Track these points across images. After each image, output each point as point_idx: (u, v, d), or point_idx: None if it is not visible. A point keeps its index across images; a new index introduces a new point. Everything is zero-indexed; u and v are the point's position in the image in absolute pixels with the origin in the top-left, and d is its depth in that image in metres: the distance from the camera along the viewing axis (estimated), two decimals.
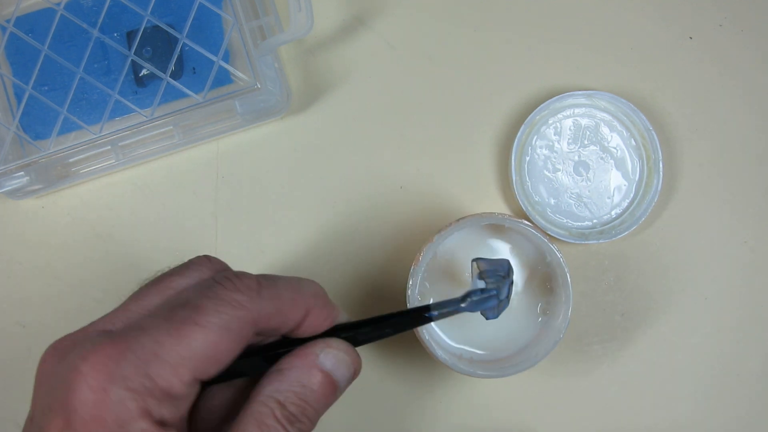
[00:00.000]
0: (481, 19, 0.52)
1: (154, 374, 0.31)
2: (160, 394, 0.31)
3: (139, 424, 0.30)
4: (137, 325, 0.32)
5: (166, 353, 0.31)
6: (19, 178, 0.47)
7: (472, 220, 0.44)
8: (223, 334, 0.32)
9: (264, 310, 0.33)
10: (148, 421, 0.31)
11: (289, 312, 0.34)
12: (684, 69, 0.51)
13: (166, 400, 0.31)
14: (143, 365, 0.31)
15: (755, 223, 0.51)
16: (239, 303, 0.33)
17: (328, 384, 0.34)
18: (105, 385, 0.30)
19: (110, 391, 0.30)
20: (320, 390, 0.34)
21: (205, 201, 0.51)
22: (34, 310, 0.50)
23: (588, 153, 0.50)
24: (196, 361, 0.31)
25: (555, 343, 0.44)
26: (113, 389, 0.30)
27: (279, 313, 0.34)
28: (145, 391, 0.31)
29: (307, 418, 0.33)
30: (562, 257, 0.44)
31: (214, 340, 0.32)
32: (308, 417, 0.33)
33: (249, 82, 0.47)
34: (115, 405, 0.30)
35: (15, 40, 0.48)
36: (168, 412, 0.31)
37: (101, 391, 0.30)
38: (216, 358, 0.32)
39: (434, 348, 0.43)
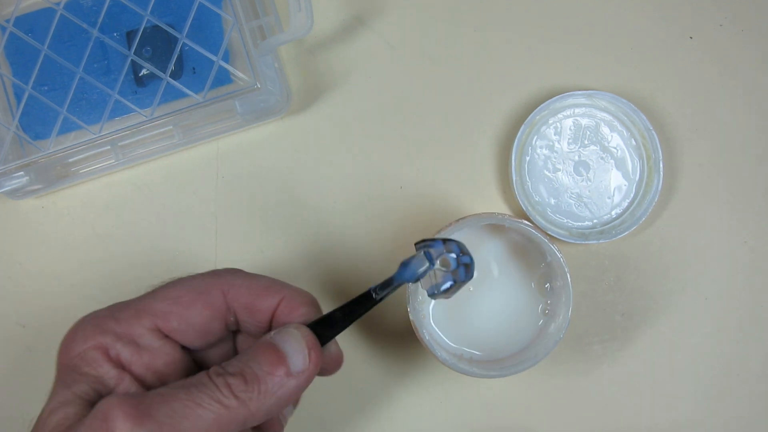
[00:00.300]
0: (481, 19, 0.52)
1: (119, 316, 0.36)
2: (121, 334, 0.36)
3: (92, 354, 0.35)
4: None
5: (136, 303, 0.37)
6: (19, 178, 0.47)
7: (472, 220, 0.44)
8: (188, 289, 0.37)
9: (235, 283, 0.37)
10: (99, 353, 0.35)
11: (262, 294, 0.37)
12: (684, 69, 0.51)
13: (126, 341, 0.35)
14: (115, 310, 0.37)
15: (755, 223, 0.51)
16: (212, 272, 0.38)
17: (273, 352, 0.34)
18: (78, 323, 0.37)
19: (78, 329, 0.36)
20: (264, 356, 0.34)
21: (205, 201, 0.51)
22: (34, 310, 0.50)
23: (588, 153, 0.50)
24: (160, 310, 0.36)
25: (555, 343, 0.44)
26: (82, 325, 0.36)
27: (250, 289, 0.37)
28: (107, 329, 0.35)
29: (243, 378, 0.33)
30: (562, 257, 0.44)
31: (177, 294, 0.36)
32: (245, 376, 0.33)
33: (249, 82, 0.47)
34: (78, 338, 0.35)
35: (15, 40, 0.48)
36: (126, 353, 0.35)
37: (74, 328, 0.36)
38: (177, 311, 0.36)
39: (434, 348, 0.43)
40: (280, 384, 0.34)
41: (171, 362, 0.36)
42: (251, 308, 0.37)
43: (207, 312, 0.37)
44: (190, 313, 0.36)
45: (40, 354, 0.50)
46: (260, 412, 0.33)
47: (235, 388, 0.33)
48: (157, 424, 0.31)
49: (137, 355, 0.35)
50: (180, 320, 0.36)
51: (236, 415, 0.32)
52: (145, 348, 0.36)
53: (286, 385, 0.34)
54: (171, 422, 0.31)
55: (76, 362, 0.35)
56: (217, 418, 0.32)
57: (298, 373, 0.34)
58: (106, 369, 0.35)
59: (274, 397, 0.34)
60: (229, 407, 0.32)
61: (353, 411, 0.50)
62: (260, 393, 0.33)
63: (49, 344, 0.50)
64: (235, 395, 0.33)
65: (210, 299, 0.37)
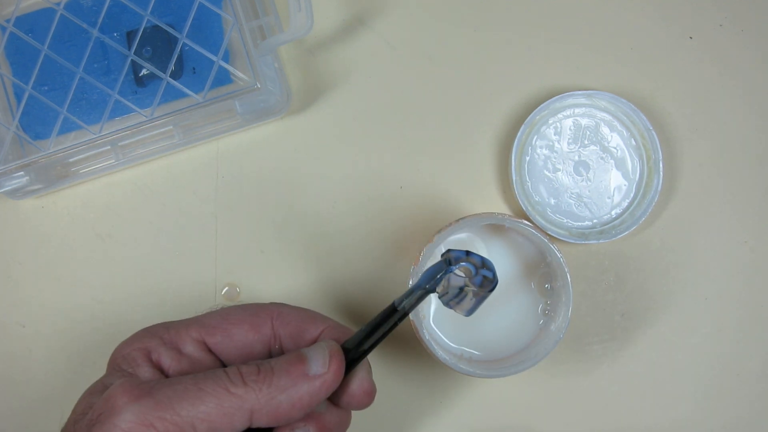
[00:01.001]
0: (481, 19, 0.52)
1: (171, 326, 0.37)
2: (167, 340, 0.37)
3: (134, 355, 0.36)
4: None
5: (191, 318, 0.38)
6: (19, 178, 0.47)
7: (472, 220, 0.44)
8: (238, 310, 0.38)
9: (285, 311, 0.38)
10: (141, 354, 0.36)
11: (308, 323, 0.38)
12: (684, 69, 0.51)
13: (169, 346, 0.37)
14: (169, 322, 0.38)
15: (755, 223, 0.51)
16: (264, 303, 0.40)
17: (295, 355, 0.35)
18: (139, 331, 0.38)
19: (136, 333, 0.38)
20: (285, 357, 0.35)
21: (205, 201, 0.51)
22: (34, 310, 0.50)
23: (588, 153, 0.50)
24: (207, 324, 0.38)
25: (555, 343, 0.44)
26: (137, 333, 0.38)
27: (298, 318, 0.38)
28: (155, 335, 0.37)
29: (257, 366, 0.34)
30: (562, 257, 0.44)
31: (228, 312, 0.38)
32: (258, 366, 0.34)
33: (249, 82, 0.47)
34: (129, 341, 0.37)
35: (15, 40, 0.48)
36: (167, 358, 0.36)
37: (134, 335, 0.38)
38: (225, 329, 0.37)
39: (434, 348, 0.43)
40: (294, 382, 0.33)
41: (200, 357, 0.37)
42: (297, 336, 0.38)
43: (252, 333, 0.38)
44: (236, 330, 0.37)
45: (40, 354, 0.50)
46: (268, 407, 0.33)
47: (246, 375, 0.33)
48: (154, 401, 0.31)
49: (177, 361, 0.36)
50: (224, 336, 0.37)
51: (242, 402, 0.32)
52: (186, 356, 0.37)
53: (300, 385, 0.33)
54: (169, 402, 0.31)
55: (119, 361, 0.36)
56: (220, 402, 0.32)
57: (314, 376, 0.34)
58: (144, 369, 0.35)
59: (284, 393, 0.33)
60: (235, 394, 0.32)
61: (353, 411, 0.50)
62: (271, 385, 0.33)
63: (49, 344, 0.50)
64: (245, 381, 0.32)
65: (258, 321, 0.38)
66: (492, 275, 0.38)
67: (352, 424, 0.50)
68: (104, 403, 0.32)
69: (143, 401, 0.31)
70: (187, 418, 0.31)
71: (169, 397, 0.32)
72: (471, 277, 0.38)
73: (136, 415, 0.31)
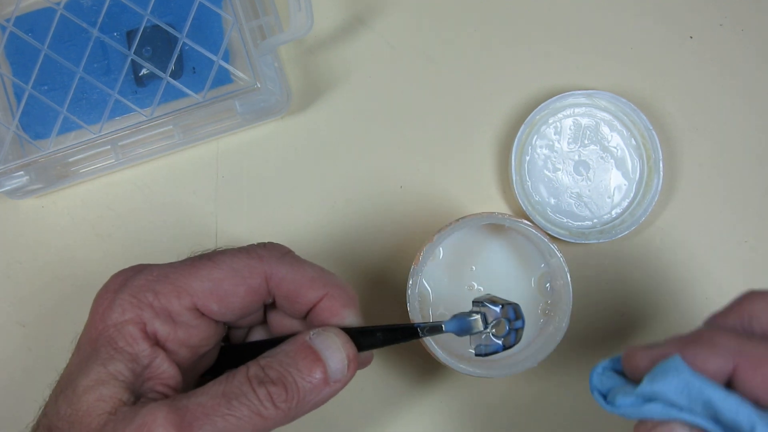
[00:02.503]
0: (481, 19, 0.52)
1: (159, 290, 0.36)
2: (159, 310, 0.35)
3: (129, 329, 0.35)
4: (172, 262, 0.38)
5: (176, 278, 0.36)
6: (19, 178, 0.47)
7: (472, 220, 0.44)
8: (230, 272, 0.36)
9: (280, 271, 0.37)
10: (137, 328, 0.35)
11: (305, 287, 0.37)
12: (684, 69, 0.51)
13: (163, 317, 0.35)
14: (153, 282, 0.36)
15: (755, 222, 0.50)
16: (257, 254, 0.37)
17: (313, 359, 0.35)
18: (117, 289, 0.36)
19: (116, 296, 0.36)
20: (304, 363, 0.35)
21: (205, 201, 0.51)
22: (34, 310, 0.50)
23: (588, 152, 0.50)
24: (200, 291, 0.36)
25: (555, 344, 0.44)
26: (120, 294, 0.36)
27: (294, 282, 0.37)
28: (145, 303, 0.35)
29: (284, 387, 0.34)
30: (563, 257, 0.44)
31: (219, 276, 0.36)
32: (285, 385, 0.34)
33: (249, 82, 0.47)
34: (116, 308, 0.35)
35: (15, 40, 0.48)
36: (164, 330, 0.36)
37: (111, 293, 0.36)
38: (218, 294, 0.36)
39: (434, 348, 0.43)
40: (318, 392, 0.35)
41: (205, 337, 0.37)
42: (292, 298, 0.38)
43: (247, 297, 0.37)
44: (230, 297, 0.37)
45: (40, 354, 0.50)
46: (293, 419, 0.34)
47: (276, 398, 0.33)
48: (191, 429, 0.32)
49: (173, 331, 0.36)
50: (220, 304, 0.36)
51: (272, 423, 0.34)
52: (181, 325, 0.36)
53: (322, 393, 0.35)
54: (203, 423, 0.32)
55: (112, 333, 0.35)
56: (255, 428, 0.33)
57: (335, 382, 0.35)
58: (143, 346, 0.35)
59: (309, 404, 0.35)
60: (268, 418, 0.33)
61: (354, 411, 0.50)
62: (298, 402, 0.34)
63: (49, 344, 0.50)
64: (276, 406, 0.33)
65: (253, 285, 0.37)
66: (522, 324, 0.39)
67: (352, 424, 0.50)
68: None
69: None
70: None
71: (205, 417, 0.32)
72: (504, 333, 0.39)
73: None
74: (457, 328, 0.39)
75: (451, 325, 0.39)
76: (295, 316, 0.39)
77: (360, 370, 0.39)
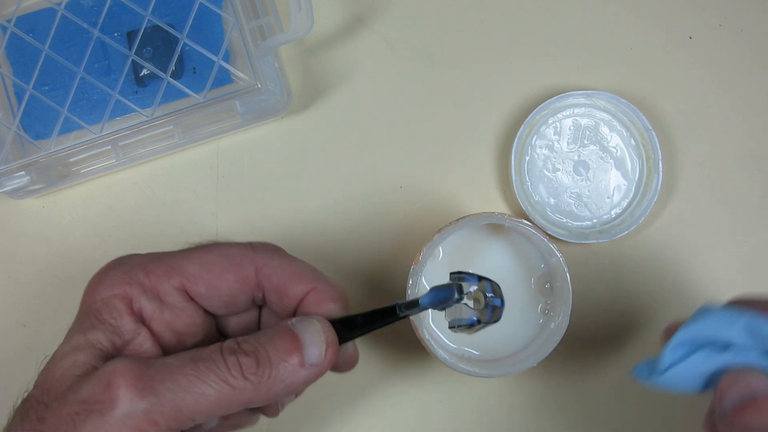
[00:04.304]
0: (481, 19, 0.52)
1: (150, 269, 0.36)
2: (147, 287, 0.36)
3: (115, 302, 0.35)
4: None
5: (169, 259, 0.37)
6: (20, 178, 0.47)
7: (472, 219, 0.44)
8: (221, 257, 0.37)
9: (270, 263, 0.37)
10: (123, 303, 0.35)
11: (294, 279, 0.37)
12: (683, 69, 0.51)
13: (151, 295, 0.36)
14: (146, 261, 0.37)
15: (755, 223, 0.51)
16: (251, 245, 0.38)
17: (291, 339, 0.34)
18: (110, 267, 0.37)
19: (108, 272, 0.37)
20: (281, 342, 0.34)
21: (205, 201, 0.51)
22: (34, 310, 0.50)
23: (588, 153, 0.50)
24: (190, 272, 0.36)
25: (555, 343, 0.44)
26: (113, 269, 0.36)
27: (283, 275, 0.37)
28: (135, 280, 0.36)
29: (256, 359, 0.33)
30: (562, 257, 0.44)
31: (210, 260, 0.37)
32: (258, 358, 0.33)
33: (249, 82, 0.47)
34: (107, 283, 0.36)
35: (16, 40, 0.48)
36: (149, 307, 0.36)
37: (105, 269, 0.37)
38: (207, 277, 0.36)
39: (434, 348, 0.43)
40: (292, 373, 0.34)
41: (192, 324, 0.37)
42: (280, 291, 0.38)
43: (236, 284, 0.37)
44: (219, 281, 0.37)
45: (41, 353, 0.50)
46: (265, 397, 0.33)
47: (246, 368, 0.33)
48: (158, 397, 0.31)
49: (159, 311, 0.36)
50: (208, 287, 0.36)
51: (240, 395, 0.33)
52: (168, 306, 0.36)
53: (297, 374, 0.34)
54: (173, 396, 0.31)
55: (98, 306, 0.35)
56: (220, 397, 0.32)
57: (311, 365, 0.34)
58: (126, 321, 0.35)
59: (282, 384, 0.33)
60: (235, 387, 0.32)
61: (354, 410, 0.50)
62: (270, 378, 0.33)
63: (49, 344, 0.50)
64: (245, 376, 0.33)
65: (242, 272, 0.37)
66: (500, 303, 0.39)
67: (352, 424, 0.50)
68: (103, 390, 0.31)
69: (147, 397, 0.31)
70: (188, 413, 0.32)
71: (172, 392, 0.31)
72: (481, 309, 0.38)
73: (141, 413, 0.31)
74: (433, 299, 0.39)
75: (427, 298, 0.39)
76: (284, 315, 0.39)
77: (347, 371, 0.38)
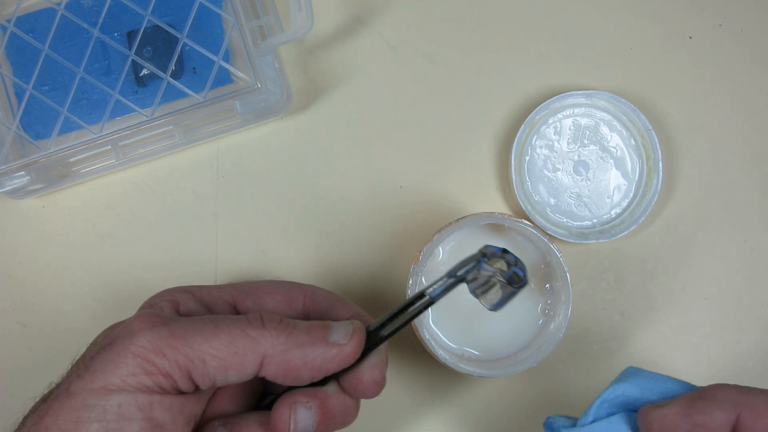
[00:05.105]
0: (481, 19, 0.52)
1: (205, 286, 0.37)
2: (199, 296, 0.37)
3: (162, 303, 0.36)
4: None
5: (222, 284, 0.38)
6: (20, 178, 0.47)
7: (472, 219, 0.44)
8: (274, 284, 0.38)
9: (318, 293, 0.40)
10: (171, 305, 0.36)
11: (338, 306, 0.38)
12: (683, 69, 0.51)
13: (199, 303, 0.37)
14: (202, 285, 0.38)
15: (755, 222, 0.51)
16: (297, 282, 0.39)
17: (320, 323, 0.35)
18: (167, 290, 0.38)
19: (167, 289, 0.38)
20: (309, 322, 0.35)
21: (205, 201, 0.51)
22: (34, 310, 0.50)
23: (588, 153, 0.50)
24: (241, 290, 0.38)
25: (555, 343, 0.44)
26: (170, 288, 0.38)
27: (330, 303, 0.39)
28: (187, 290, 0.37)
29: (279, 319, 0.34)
30: (562, 257, 0.44)
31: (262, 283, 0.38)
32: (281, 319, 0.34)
33: (249, 82, 0.47)
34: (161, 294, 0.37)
35: (16, 40, 0.48)
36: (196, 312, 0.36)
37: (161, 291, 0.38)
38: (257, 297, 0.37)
39: (435, 348, 0.43)
40: (312, 342, 0.33)
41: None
42: (325, 317, 0.38)
43: (284, 305, 0.38)
44: (269, 299, 0.37)
45: (41, 353, 0.50)
46: (280, 356, 0.33)
47: (266, 320, 0.33)
48: (168, 330, 0.32)
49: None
50: (256, 302, 0.37)
51: (256, 345, 0.32)
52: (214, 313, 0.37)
53: (317, 346, 0.33)
54: (184, 333, 0.32)
55: (145, 308, 0.36)
56: (233, 341, 0.32)
57: (333, 343, 0.34)
58: (169, 314, 0.35)
59: (300, 348, 0.33)
60: (250, 335, 0.32)
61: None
62: (289, 336, 0.33)
63: (49, 344, 0.50)
64: (264, 324, 0.33)
65: (291, 295, 0.38)
66: (523, 274, 0.38)
67: (352, 425, 0.50)
68: (122, 328, 0.33)
69: (158, 329, 0.32)
70: (199, 351, 0.32)
71: (185, 329, 0.32)
72: (502, 272, 0.37)
73: (149, 341, 0.32)
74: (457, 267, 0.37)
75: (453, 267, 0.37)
76: None
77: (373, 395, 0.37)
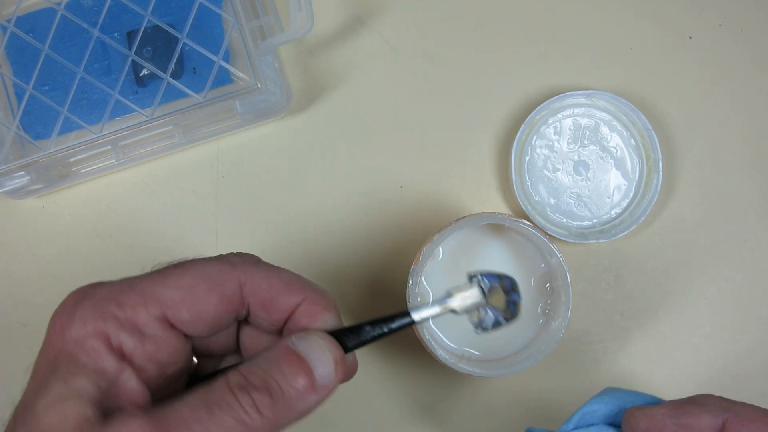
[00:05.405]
0: (481, 19, 0.52)
1: (123, 301, 0.32)
2: (124, 321, 0.32)
3: (91, 342, 0.31)
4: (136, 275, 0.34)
5: (143, 287, 0.33)
6: (20, 178, 0.47)
7: (472, 219, 0.44)
8: (202, 278, 0.33)
9: (254, 277, 0.34)
10: (101, 341, 0.31)
11: (283, 292, 0.34)
12: (683, 69, 0.51)
13: (129, 329, 0.32)
14: (117, 292, 0.32)
15: (755, 222, 0.51)
16: (229, 260, 0.34)
17: (299, 364, 0.32)
18: (75, 303, 0.32)
19: (75, 308, 0.32)
20: (289, 368, 0.32)
21: (205, 201, 0.51)
22: (34, 310, 0.50)
23: (588, 153, 0.50)
24: (170, 299, 0.32)
25: (555, 343, 0.44)
26: (80, 306, 0.32)
27: (271, 288, 0.34)
28: (108, 314, 0.32)
29: (269, 393, 0.31)
30: (562, 257, 0.44)
31: (190, 282, 0.33)
32: (270, 392, 0.31)
33: (249, 82, 0.47)
34: (77, 321, 0.32)
35: (16, 40, 0.48)
36: (130, 343, 0.32)
37: (70, 305, 0.33)
38: (190, 302, 0.33)
39: (435, 348, 0.43)
40: (304, 399, 0.32)
41: (174, 352, 0.34)
42: (269, 305, 0.35)
43: (221, 305, 0.34)
44: (203, 305, 0.33)
45: None
46: (279, 427, 0.32)
47: (260, 405, 0.31)
48: None
49: (141, 344, 0.32)
50: (191, 312, 0.33)
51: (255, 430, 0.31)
52: (149, 338, 0.33)
53: (309, 399, 0.32)
54: None
55: (72, 349, 0.32)
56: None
57: (323, 387, 0.32)
58: (107, 360, 0.31)
59: (295, 411, 0.32)
60: (250, 426, 0.30)
61: (354, 410, 0.50)
62: (284, 410, 0.31)
63: None
64: (261, 413, 0.31)
65: (226, 291, 0.34)
66: (518, 298, 0.37)
67: (352, 424, 0.50)
68: None
69: None
70: None
71: None
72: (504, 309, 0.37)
73: None
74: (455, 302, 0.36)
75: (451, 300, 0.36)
76: (271, 329, 0.36)
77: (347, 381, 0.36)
